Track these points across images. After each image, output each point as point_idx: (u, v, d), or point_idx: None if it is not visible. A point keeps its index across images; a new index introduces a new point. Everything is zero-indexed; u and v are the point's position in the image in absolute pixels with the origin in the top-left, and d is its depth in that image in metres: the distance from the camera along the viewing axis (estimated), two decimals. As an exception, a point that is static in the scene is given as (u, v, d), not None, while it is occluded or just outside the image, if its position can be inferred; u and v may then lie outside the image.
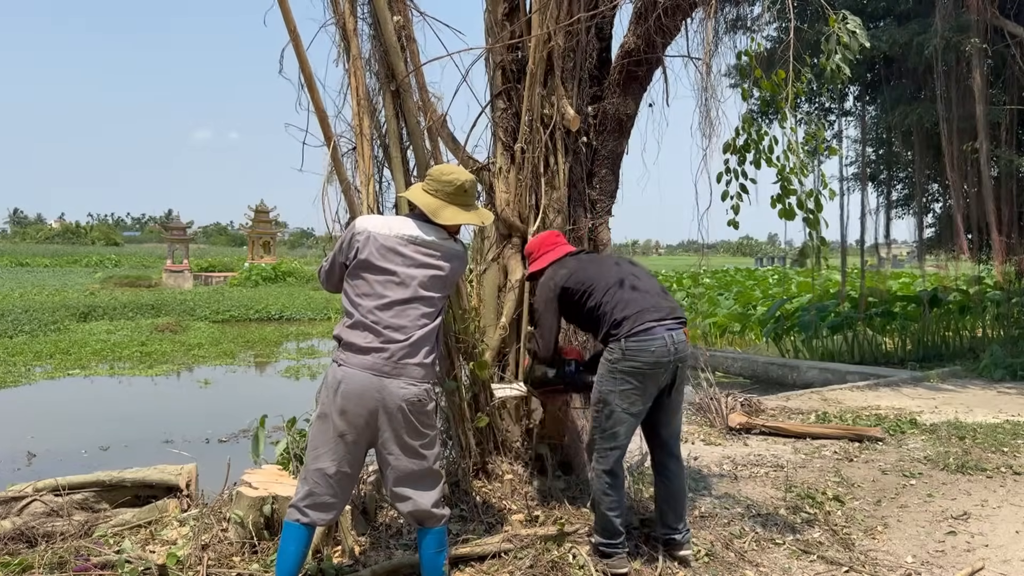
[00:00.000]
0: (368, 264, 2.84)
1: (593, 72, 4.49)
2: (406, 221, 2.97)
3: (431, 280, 2.90)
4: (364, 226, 2.91)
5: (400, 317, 2.81)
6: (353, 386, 2.74)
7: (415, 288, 2.85)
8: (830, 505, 4.41)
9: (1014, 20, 9.71)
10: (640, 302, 3.34)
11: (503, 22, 4.37)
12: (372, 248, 2.84)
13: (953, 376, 9.88)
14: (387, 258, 2.85)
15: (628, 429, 3.34)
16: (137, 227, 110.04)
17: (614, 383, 3.28)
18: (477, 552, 3.37)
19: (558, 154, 4.31)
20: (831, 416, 7.03)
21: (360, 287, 2.84)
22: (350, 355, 2.77)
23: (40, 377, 11.00)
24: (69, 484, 3.93)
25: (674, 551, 3.45)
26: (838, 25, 4.16)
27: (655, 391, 3.33)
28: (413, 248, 2.89)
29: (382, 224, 2.92)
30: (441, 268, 2.94)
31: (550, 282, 3.53)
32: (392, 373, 2.75)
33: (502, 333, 4.22)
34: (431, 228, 2.97)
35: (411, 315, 2.83)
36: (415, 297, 2.85)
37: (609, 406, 3.31)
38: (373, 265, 2.84)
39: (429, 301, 2.89)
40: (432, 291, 2.90)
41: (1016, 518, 4.28)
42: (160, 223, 75.73)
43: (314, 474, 2.80)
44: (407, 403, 2.77)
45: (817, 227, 4.34)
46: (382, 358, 2.75)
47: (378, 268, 2.84)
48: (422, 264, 2.89)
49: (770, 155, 4.40)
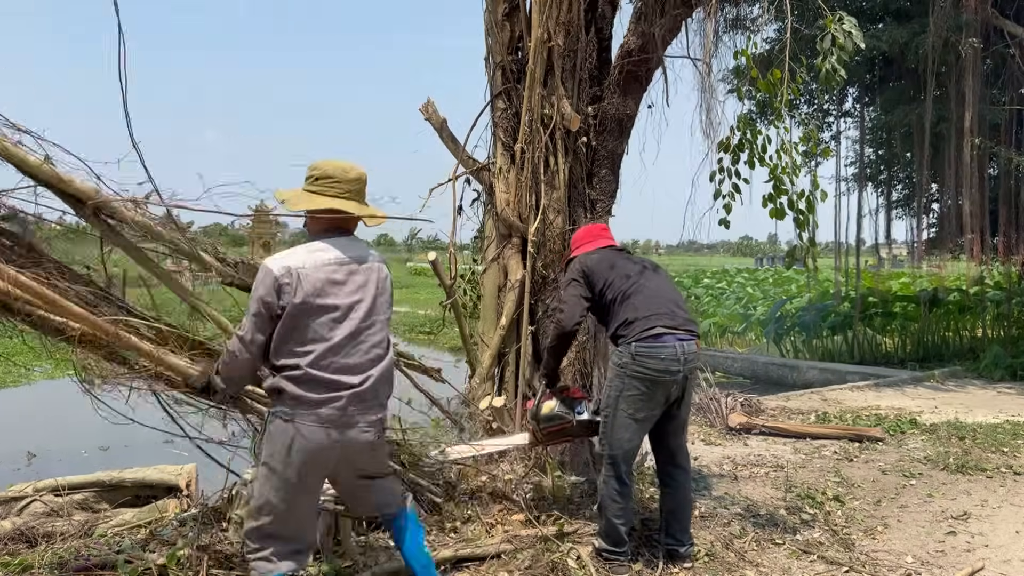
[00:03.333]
0: (305, 307, 2.45)
1: (593, 72, 4.49)
2: (319, 245, 2.57)
3: (377, 301, 2.62)
4: (284, 265, 2.46)
5: (351, 356, 2.51)
6: (309, 444, 2.44)
7: (361, 317, 2.54)
8: (830, 505, 4.40)
9: (1013, 20, 9.71)
10: (653, 307, 3.32)
11: (503, 22, 4.38)
12: (305, 287, 2.45)
13: (953, 376, 9.88)
14: (325, 293, 2.49)
15: (634, 435, 3.31)
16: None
17: (621, 387, 3.27)
18: (477, 552, 3.36)
19: (558, 154, 4.30)
20: (831, 416, 7.03)
21: (298, 336, 2.46)
22: (299, 409, 2.44)
23: (40, 377, 10.99)
24: (69, 484, 3.93)
25: (676, 562, 3.42)
26: (834, 25, 4.16)
27: (663, 400, 3.30)
28: (347, 271, 2.55)
29: (302, 257, 2.50)
30: (382, 283, 2.66)
31: (578, 264, 3.52)
32: (350, 422, 2.49)
33: (502, 333, 4.22)
34: (349, 242, 2.62)
35: (361, 349, 2.53)
36: (362, 328, 2.54)
37: (615, 410, 3.29)
38: (311, 306, 2.46)
39: (379, 326, 2.61)
40: (380, 313, 2.62)
41: (1016, 518, 4.28)
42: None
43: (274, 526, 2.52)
44: (369, 444, 2.57)
45: (806, 227, 4.35)
46: (337, 408, 2.46)
47: (317, 308, 2.47)
48: (363, 286, 2.58)
49: (763, 154, 4.41)
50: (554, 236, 4.28)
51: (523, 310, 4.26)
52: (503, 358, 4.33)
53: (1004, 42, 9.67)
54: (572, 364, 4.28)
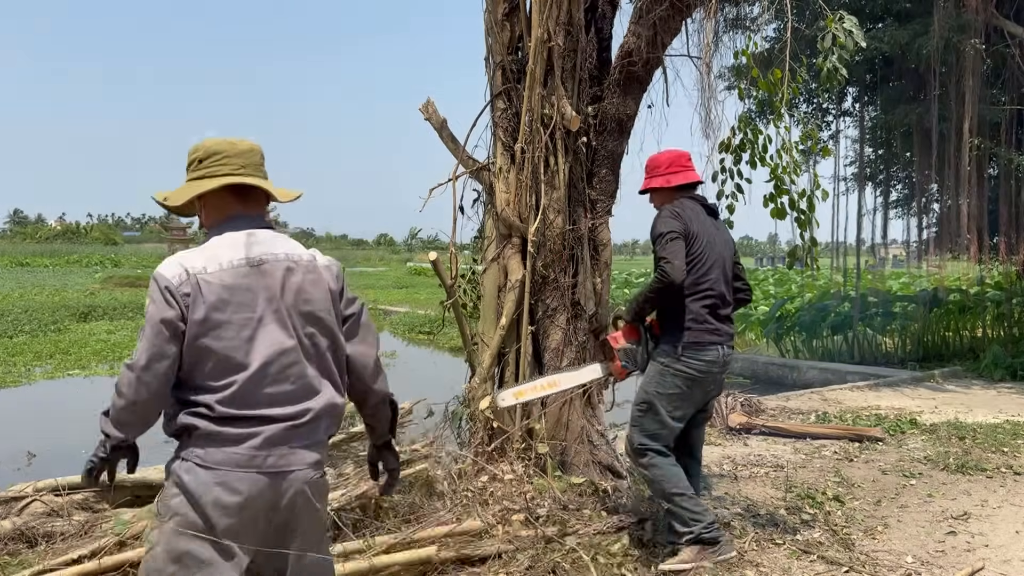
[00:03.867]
0: (209, 325, 1.84)
1: (593, 72, 4.50)
2: (222, 240, 1.96)
3: (317, 303, 1.99)
4: (178, 271, 1.87)
5: (280, 383, 1.90)
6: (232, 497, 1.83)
7: (294, 327, 1.95)
8: (830, 505, 4.40)
9: (1013, 20, 9.71)
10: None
11: (503, 22, 4.38)
12: (207, 298, 1.85)
13: (953, 376, 9.88)
14: (234, 304, 1.88)
15: (670, 432, 3.34)
16: (137, 227, 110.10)
17: (663, 385, 3.28)
18: (478, 553, 3.36)
19: (558, 154, 4.30)
20: (831, 416, 7.03)
21: (204, 366, 1.86)
22: (212, 450, 1.84)
23: (40, 377, 10.99)
24: (69, 484, 3.93)
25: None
26: (835, 25, 4.17)
27: (701, 399, 3.36)
28: (261, 272, 1.93)
29: (200, 258, 1.90)
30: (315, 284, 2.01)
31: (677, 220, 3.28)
32: (280, 464, 1.88)
33: (502, 333, 4.22)
34: (263, 233, 2.01)
35: (295, 373, 1.93)
36: (296, 344, 1.94)
37: (653, 407, 3.30)
38: (219, 323, 1.85)
39: (320, 335, 2.00)
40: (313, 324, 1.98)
41: (1016, 518, 4.28)
42: (160, 223, 75.83)
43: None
44: (309, 486, 1.95)
45: (808, 227, 4.36)
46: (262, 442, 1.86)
47: (224, 325, 1.86)
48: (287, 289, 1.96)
49: (764, 154, 4.42)
50: (554, 236, 4.28)
51: (523, 310, 4.26)
52: (503, 358, 4.33)
53: (1004, 42, 9.67)
54: (572, 364, 4.29)
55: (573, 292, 4.37)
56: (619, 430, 5.53)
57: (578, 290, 4.38)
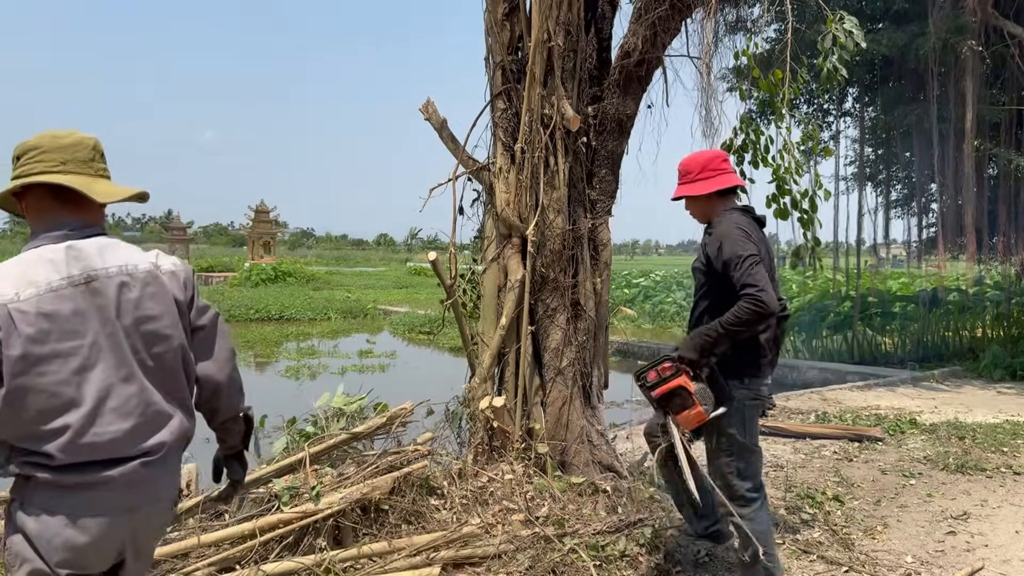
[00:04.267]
0: (29, 360, 1.61)
1: (593, 72, 4.50)
2: (41, 254, 1.70)
3: (161, 319, 1.77)
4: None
5: (125, 418, 1.69)
6: (84, 537, 1.67)
7: (135, 350, 1.73)
8: (830, 505, 4.41)
9: (1013, 20, 9.72)
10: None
11: (503, 22, 4.38)
12: (23, 330, 1.60)
13: (953, 376, 9.88)
14: (65, 331, 1.64)
15: (760, 459, 3.02)
16: (137, 227, 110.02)
17: (741, 416, 2.91)
18: (478, 553, 3.37)
19: (558, 154, 4.31)
20: (831, 416, 7.03)
21: (31, 402, 1.61)
22: (58, 498, 1.65)
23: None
24: None
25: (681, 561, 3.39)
26: (835, 25, 4.18)
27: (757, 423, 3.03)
28: (90, 290, 1.69)
29: (16, 279, 1.65)
30: (161, 288, 1.79)
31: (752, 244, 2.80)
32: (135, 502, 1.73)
33: (502, 333, 4.22)
34: (91, 242, 1.75)
35: (141, 402, 1.72)
36: (138, 370, 1.73)
37: (738, 443, 2.92)
38: (41, 357, 1.62)
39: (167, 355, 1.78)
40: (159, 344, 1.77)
41: (1016, 518, 4.28)
42: (160, 223, 75.80)
43: None
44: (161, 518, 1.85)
45: (810, 227, 4.36)
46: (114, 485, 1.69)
47: (52, 357, 1.63)
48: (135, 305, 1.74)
49: (766, 155, 4.42)
50: (554, 236, 4.28)
51: (523, 310, 4.27)
52: (503, 358, 4.33)
53: (1004, 42, 9.68)
54: (572, 364, 4.29)
55: (573, 292, 4.37)
56: (619, 430, 5.54)
57: (578, 290, 4.38)
